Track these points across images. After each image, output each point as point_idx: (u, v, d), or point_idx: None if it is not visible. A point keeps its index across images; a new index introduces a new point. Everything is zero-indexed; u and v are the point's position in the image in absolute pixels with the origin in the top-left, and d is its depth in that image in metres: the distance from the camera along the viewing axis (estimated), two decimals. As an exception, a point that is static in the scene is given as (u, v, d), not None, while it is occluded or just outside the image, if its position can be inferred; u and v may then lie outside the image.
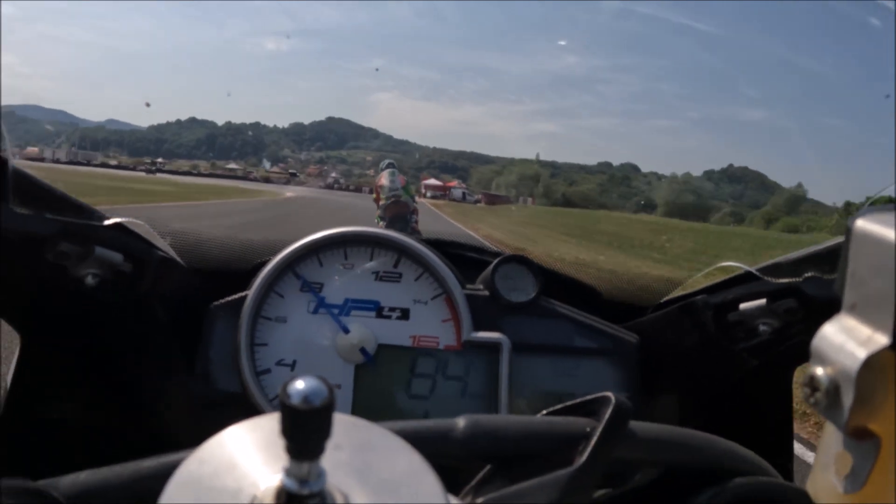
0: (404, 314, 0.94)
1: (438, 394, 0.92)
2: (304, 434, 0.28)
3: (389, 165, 10.51)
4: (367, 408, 0.90)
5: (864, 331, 0.28)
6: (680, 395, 0.97)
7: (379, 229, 0.96)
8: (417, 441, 0.36)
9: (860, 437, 0.29)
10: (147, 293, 0.84)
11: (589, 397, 0.52)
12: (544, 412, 0.52)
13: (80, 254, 0.76)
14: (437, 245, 1.00)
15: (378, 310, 0.94)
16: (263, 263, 0.94)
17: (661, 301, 1.01)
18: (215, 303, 0.94)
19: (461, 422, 0.48)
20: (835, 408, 0.28)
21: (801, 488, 0.51)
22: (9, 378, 0.83)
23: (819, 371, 0.29)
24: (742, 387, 0.90)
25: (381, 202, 10.12)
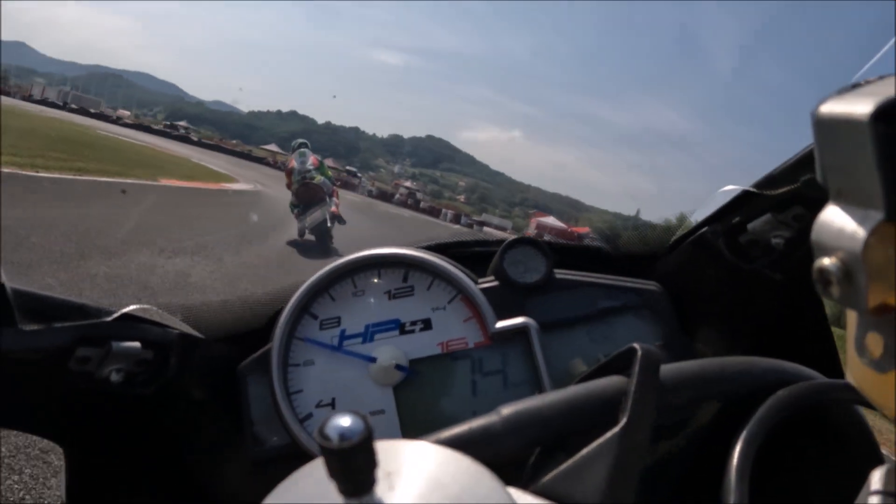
0: (426, 324, 0.94)
1: (481, 392, 0.92)
2: (351, 471, 0.28)
3: (300, 146, 10.18)
4: (415, 425, 0.90)
5: (857, 212, 0.28)
6: (717, 328, 0.97)
7: (380, 250, 0.96)
8: (462, 445, 0.37)
9: (883, 314, 0.29)
10: (175, 374, 0.84)
11: (614, 355, 0.52)
12: (576, 381, 0.52)
13: (99, 354, 0.76)
14: (440, 249, 1.00)
15: (400, 327, 0.94)
16: (278, 313, 0.94)
17: (672, 242, 1.00)
18: (242, 363, 0.94)
19: (498, 414, 0.48)
20: (851, 293, 0.28)
21: (844, 382, 0.51)
22: (63, 495, 0.83)
23: (826, 262, 0.29)
24: (774, 304, 0.90)
25: (292, 187, 9.88)
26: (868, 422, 0.55)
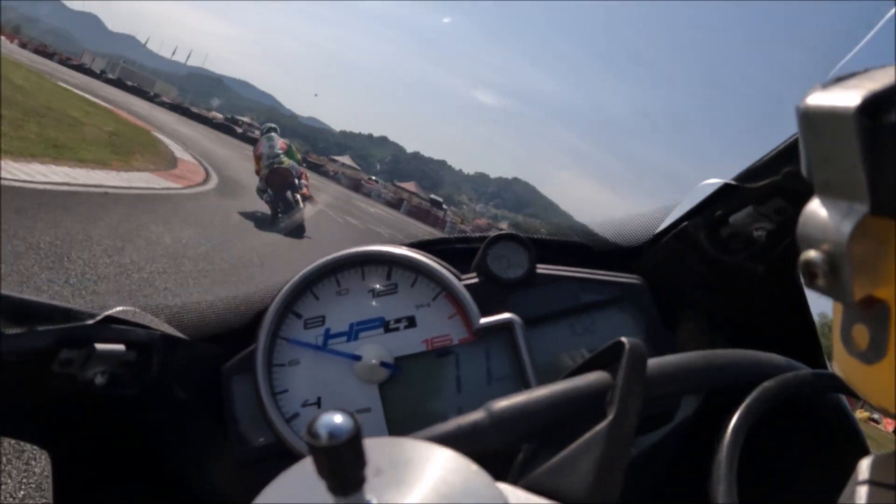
0: (411, 322, 0.94)
1: (467, 388, 0.92)
2: (340, 470, 0.28)
3: (268, 130, 10.13)
4: (401, 423, 0.90)
5: (842, 205, 0.28)
6: (699, 322, 0.97)
7: (363, 248, 0.96)
8: (450, 441, 0.37)
9: (869, 307, 0.29)
10: (159, 376, 0.84)
11: (601, 349, 0.52)
12: (563, 376, 0.52)
13: (83, 356, 0.75)
14: (423, 246, 1.00)
15: (385, 325, 0.94)
16: (262, 313, 0.94)
17: (653, 236, 1.01)
18: (227, 364, 0.94)
19: (486, 410, 0.48)
20: (837, 286, 0.28)
21: (830, 372, 0.51)
22: (51, 501, 0.82)
23: (811, 254, 0.29)
24: (756, 296, 0.90)
25: (261, 172, 9.83)
26: (853, 414, 0.56)
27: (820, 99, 0.28)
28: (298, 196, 9.65)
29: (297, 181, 9.82)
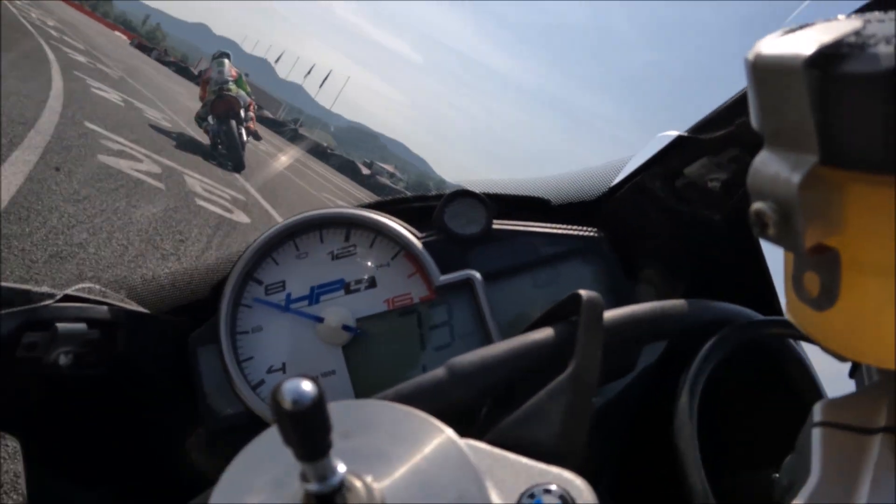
0: (371, 282, 0.94)
1: (430, 345, 0.93)
2: (306, 436, 0.28)
3: (220, 55, 9.82)
4: (366, 384, 0.91)
5: (792, 155, 0.28)
6: (659, 272, 0.99)
7: (321, 210, 0.95)
8: (414, 400, 0.37)
9: (819, 254, 0.29)
10: (124, 352, 0.83)
11: (559, 302, 0.53)
12: (522, 330, 0.53)
13: (47, 338, 0.74)
14: (381, 207, 1.00)
15: (345, 286, 0.94)
16: (222, 282, 0.93)
17: (609, 188, 1.02)
18: (191, 335, 0.93)
19: (447, 367, 0.48)
20: (788, 235, 0.29)
21: (783, 319, 0.53)
22: (23, 487, 0.82)
23: (762, 205, 0.29)
24: (713, 245, 0.91)
25: (206, 98, 9.47)
26: (807, 358, 0.57)
27: (769, 50, 0.28)
28: (243, 129, 9.24)
29: (243, 112, 9.33)
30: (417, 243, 0.93)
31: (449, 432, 0.34)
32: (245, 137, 9.20)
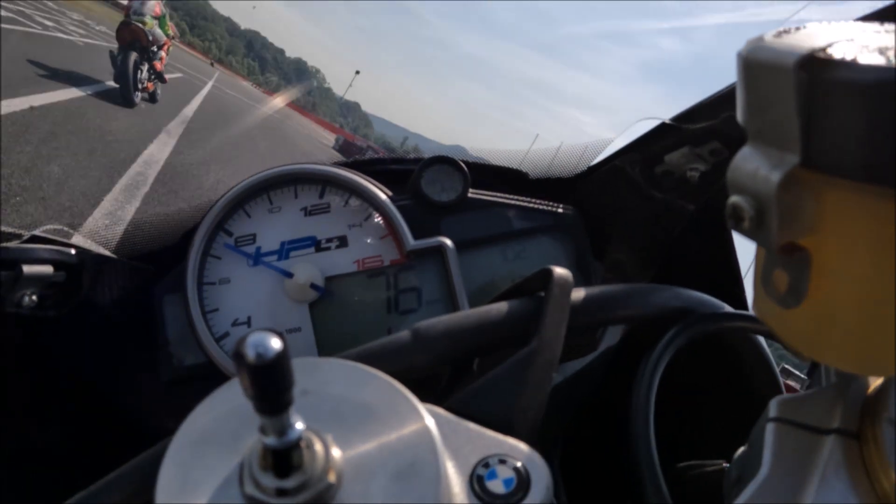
0: (342, 242, 0.94)
1: (397, 309, 0.93)
2: (266, 390, 0.28)
3: None
4: (331, 342, 0.91)
5: (774, 154, 0.28)
6: (628, 254, 0.99)
7: (296, 166, 0.94)
8: (376, 361, 0.37)
9: (791, 253, 0.30)
10: (88, 296, 0.82)
11: (529, 276, 0.53)
12: (490, 300, 0.53)
13: (10, 277, 0.73)
14: (358, 166, 0.99)
15: (316, 244, 0.93)
16: (192, 231, 0.92)
17: (588, 168, 1.02)
18: (157, 282, 0.92)
19: (412, 331, 0.48)
20: (761, 231, 0.29)
21: (749, 314, 0.53)
22: None
23: (740, 199, 0.30)
24: (685, 233, 0.92)
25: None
26: (769, 354, 0.58)
27: (762, 48, 0.28)
28: (145, 65, 8.72)
29: (153, 49, 8.84)
30: (392, 206, 0.93)
31: (409, 396, 0.34)
32: (145, 74, 8.78)
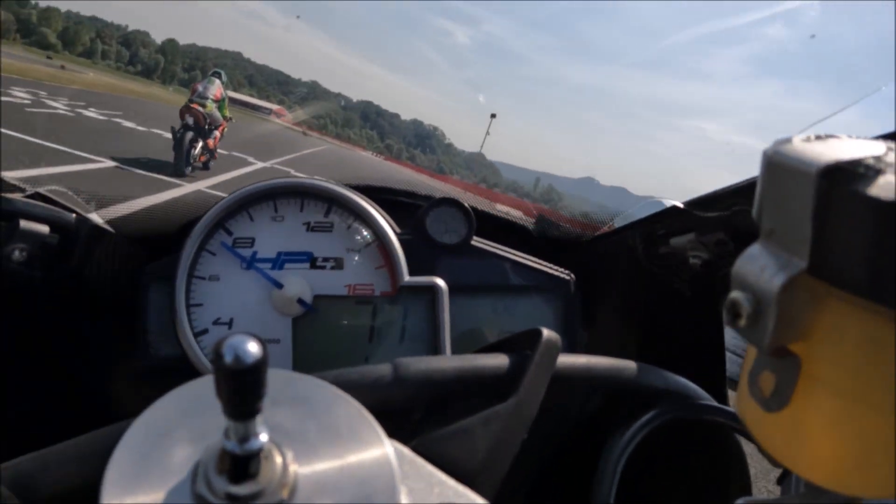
0: (338, 263, 0.94)
1: (378, 340, 0.92)
2: (239, 394, 0.28)
3: (214, 73, 10.23)
4: (307, 360, 0.90)
5: (783, 255, 0.28)
6: (618, 327, 0.99)
7: (307, 179, 0.95)
8: (352, 388, 0.37)
9: (781, 357, 0.30)
10: (78, 264, 0.81)
11: (519, 333, 0.53)
12: (476, 351, 0.53)
13: (5, 230, 0.73)
14: (368, 192, 0.99)
15: (312, 261, 0.93)
16: (193, 222, 0.92)
17: (594, 237, 1.02)
18: (148, 266, 0.92)
19: (393, 365, 0.48)
20: (756, 330, 0.29)
21: (730, 410, 0.53)
22: None
23: (740, 296, 0.30)
24: (676, 318, 0.92)
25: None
26: (745, 452, 0.58)
27: (789, 150, 0.28)
28: (199, 142, 9.47)
29: (208, 128, 9.61)
30: (393, 238, 0.93)
31: (377, 428, 0.34)
32: (198, 151, 9.40)
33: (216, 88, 9.85)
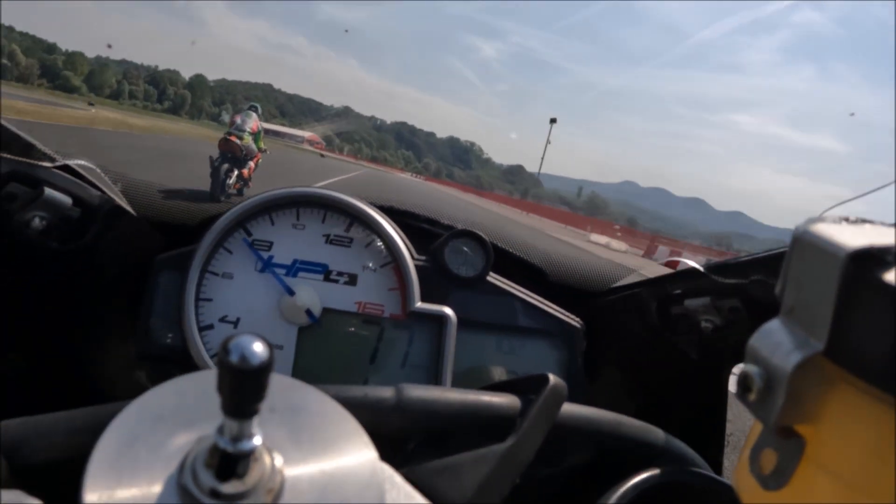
0: (352, 279, 0.94)
1: (380, 362, 0.92)
2: (240, 393, 0.28)
3: (250, 107, 10.88)
4: (307, 370, 0.90)
5: (801, 334, 0.28)
6: (621, 381, 0.99)
7: (331, 192, 0.95)
8: (352, 406, 0.37)
9: (786, 436, 0.29)
10: (94, 241, 0.82)
11: (527, 376, 0.53)
12: (481, 388, 0.53)
13: (29, 195, 0.73)
14: (391, 213, 1.00)
15: (326, 273, 0.94)
16: (215, 217, 0.92)
17: (609, 288, 1.02)
18: (162, 254, 0.92)
19: (396, 390, 0.48)
20: (765, 407, 0.29)
21: (727, 482, 0.53)
22: None
23: (753, 369, 0.29)
24: (681, 379, 0.92)
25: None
26: None
27: (820, 231, 0.28)
28: (235, 172, 10.08)
29: (244, 159, 10.29)
30: (410, 263, 0.94)
31: (371, 449, 0.34)
32: (233, 179, 10.04)
33: (252, 122, 10.47)
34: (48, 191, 0.74)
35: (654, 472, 0.51)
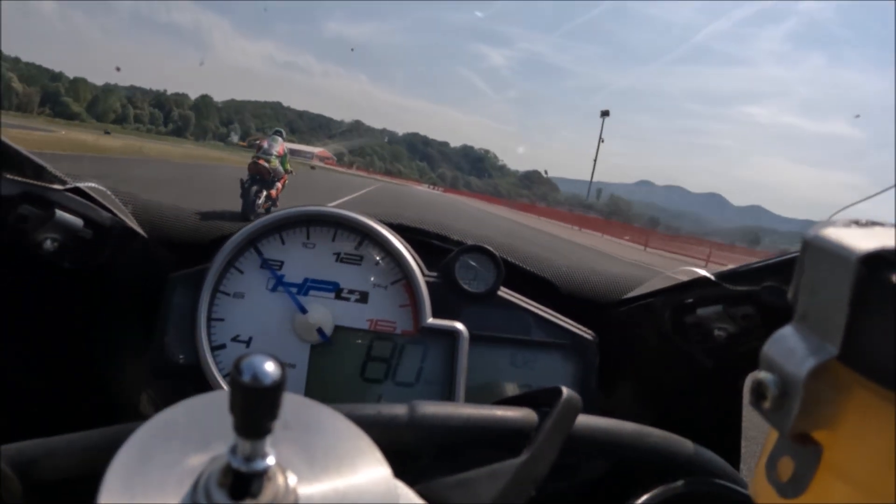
0: (363, 297, 0.94)
1: (393, 378, 0.92)
2: (252, 412, 0.28)
3: (276, 132, 11.69)
4: (320, 389, 0.90)
5: (814, 340, 0.28)
6: (636, 392, 0.98)
7: (341, 211, 0.95)
8: (366, 424, 0.37)
9: (803, 443, 0.29)
10: (106, 262, 0.82)
11: (539, 389, 0.52)
12: (494, 402, 0.53)
13: (41, 217, 0.74)
14: (401, 230, 1.00)
15: (337, 291, 0.94)
16: (225, 237, 0.93)
17: (621, 299, 1.02)
18: (174, 274, 0.93)
19: (409, 407, 0.48)
20: (780, 414, 0.29)
21: (745, 492, 0.52)
22: None
23: (767, 377, 0.29)
24: (696, 388, 0.91)
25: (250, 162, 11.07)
26: None
27: (830, 235, 0.28)
28: (263, 193, 10.74)
29: (271, 181, 10.96)
30: (420, 279, 0.94)
31: (385, 467, 0.34)
32: (262, 200, 10.79)
33: (279, 146, 11.25)
34: (59, 213, 0.75)
35: (674, 482, 0.51)
